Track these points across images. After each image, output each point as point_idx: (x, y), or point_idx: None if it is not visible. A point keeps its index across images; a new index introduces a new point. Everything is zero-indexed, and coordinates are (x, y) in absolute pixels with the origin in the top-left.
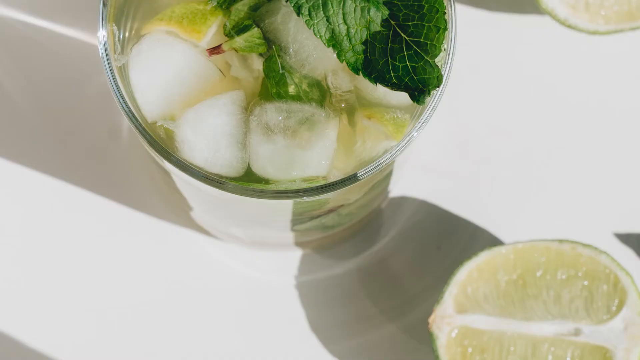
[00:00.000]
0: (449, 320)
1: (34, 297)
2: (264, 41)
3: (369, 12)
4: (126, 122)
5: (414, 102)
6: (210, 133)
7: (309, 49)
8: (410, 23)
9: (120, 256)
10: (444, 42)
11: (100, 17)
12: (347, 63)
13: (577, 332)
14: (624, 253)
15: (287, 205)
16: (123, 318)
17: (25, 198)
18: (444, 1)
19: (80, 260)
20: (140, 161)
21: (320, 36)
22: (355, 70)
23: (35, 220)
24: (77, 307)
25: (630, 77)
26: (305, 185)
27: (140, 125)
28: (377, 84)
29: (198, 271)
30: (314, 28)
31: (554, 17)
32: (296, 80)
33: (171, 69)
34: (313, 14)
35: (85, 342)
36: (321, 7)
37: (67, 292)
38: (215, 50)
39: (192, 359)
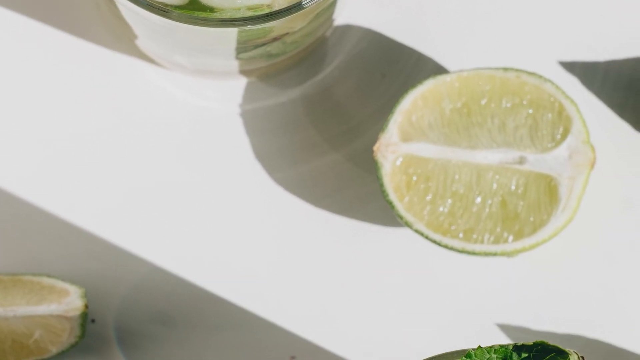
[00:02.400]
0: (393, 148)
1: None
2: None
3: None
4: None
5: None
6: None
7: None
8: None
9: (64, 85)
10: None
11: None
12: None
13: (521, 161)
14: (568, 81)
15: (231, 34)
16: (68, 147)
17: None
18: None
19: (25, 89)
20: None
21: None
22: None
23: None
24: (21, 137)
25: None
26: (250, 14)
27: None
28: None
29: (143, 100)
30: None
31: None
32: None
33: None
34: None
35: (31, 172)
36: None
37: (12, 121)
38: None
39: (136, 186)
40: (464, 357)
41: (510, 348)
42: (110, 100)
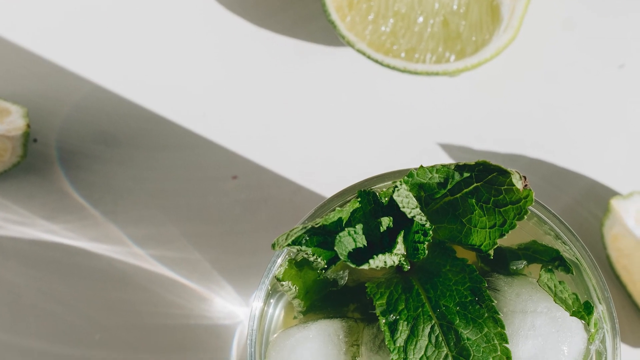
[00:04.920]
0: None
1: None
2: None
3: None
4: None
5: None
6: None
7: None
8: None
9: None
10: None
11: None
12: None
13: None
14: None
15: None
16: None
17: None
18: None
19: None
20: None
21: None
22: None
23: None
24: None
25: None
26: None
27: None
28: None
29: None
30: None
31: None
32: None
33: None
34: None
35: None
36: None
37: None
38: None
39: (78, 5)
40: (405, 177)
41: (452, 167)
42: None
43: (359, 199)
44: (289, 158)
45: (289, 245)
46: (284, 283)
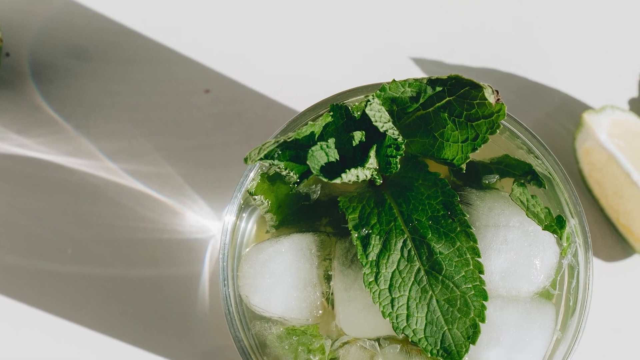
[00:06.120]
0: None
1: None
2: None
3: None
4: None
5: None
6: None
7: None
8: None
9: None
10: None
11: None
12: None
13: None
14: None
15: None
16: None
17: None
18: None
19: None
20: None
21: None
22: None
23: None
24: None
25: None
26: None
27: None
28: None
29: None
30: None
31: None
32: None
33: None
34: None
35: None
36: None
37: None
38: None
39: None
40: (378, 91)
41: (425, 82)
42: None
43: (332, 113)
44: (262, 72)
45: (261, 159)
46: (256, 197)
